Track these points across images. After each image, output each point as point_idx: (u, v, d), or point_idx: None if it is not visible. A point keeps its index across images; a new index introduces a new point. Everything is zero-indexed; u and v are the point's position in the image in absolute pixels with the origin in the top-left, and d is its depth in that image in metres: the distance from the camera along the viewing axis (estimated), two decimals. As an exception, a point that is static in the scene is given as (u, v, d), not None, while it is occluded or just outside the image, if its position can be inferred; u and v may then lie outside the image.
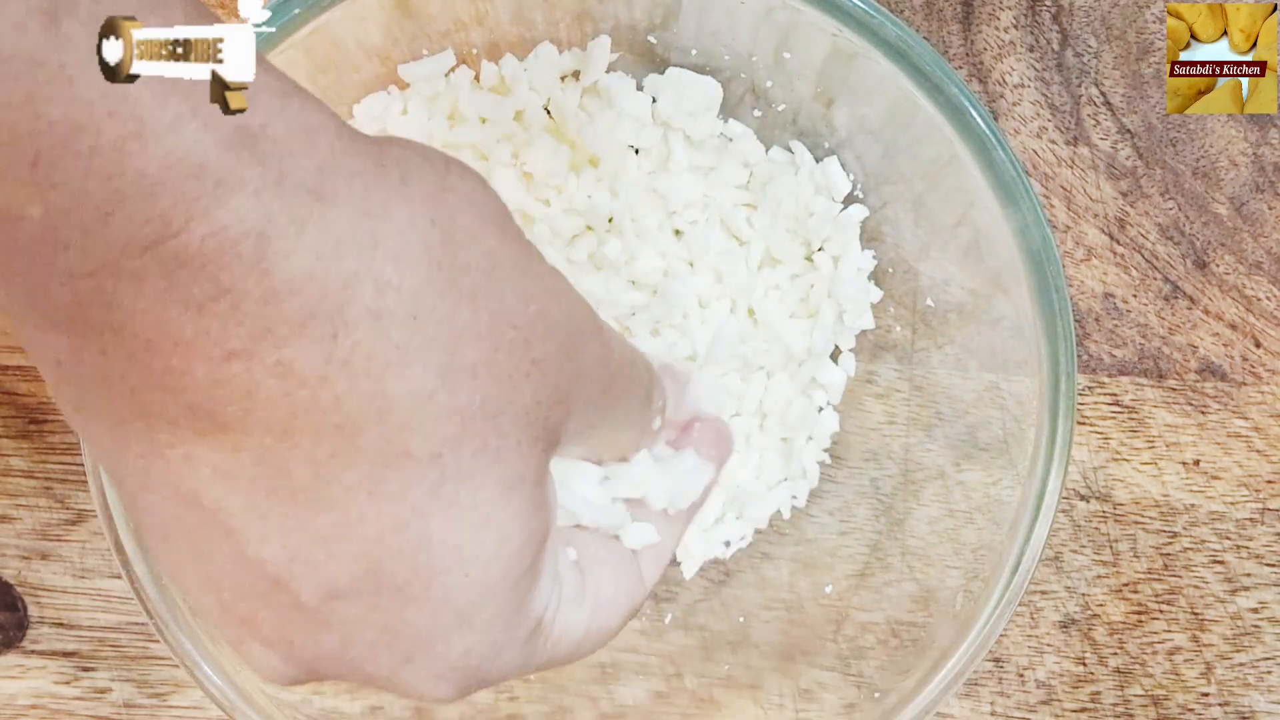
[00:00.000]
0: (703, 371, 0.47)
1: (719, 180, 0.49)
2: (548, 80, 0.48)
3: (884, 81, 0.45)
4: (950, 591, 0.47)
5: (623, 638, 0.50)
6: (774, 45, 0.47)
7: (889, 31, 0.43)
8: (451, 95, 0.48)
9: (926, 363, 0.50)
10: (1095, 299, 0.53)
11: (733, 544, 0.51)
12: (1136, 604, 0.53)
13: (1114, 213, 0.53)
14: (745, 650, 0.50)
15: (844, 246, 0.50)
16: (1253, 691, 0.53)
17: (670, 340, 0.48)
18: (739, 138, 0.49)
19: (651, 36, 0.49)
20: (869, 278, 0.50)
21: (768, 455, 0.50)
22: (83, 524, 0.51)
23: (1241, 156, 0.53)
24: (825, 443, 0.51)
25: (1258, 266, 0.53)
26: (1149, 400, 0.53)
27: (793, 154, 0.49)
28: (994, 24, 0.52)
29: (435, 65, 0.47)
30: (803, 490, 0.50)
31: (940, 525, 0.49)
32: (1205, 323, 0.53)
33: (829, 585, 0.50)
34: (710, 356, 0.47)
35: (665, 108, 0.48)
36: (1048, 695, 0.53)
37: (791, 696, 0.49)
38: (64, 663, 0.51)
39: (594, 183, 0.48)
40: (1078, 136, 0.53)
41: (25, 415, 0.52)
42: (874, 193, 0.49)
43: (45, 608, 0.51)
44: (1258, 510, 0.53)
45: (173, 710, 0.52)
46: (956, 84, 0.43)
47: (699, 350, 0.47)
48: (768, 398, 0.49)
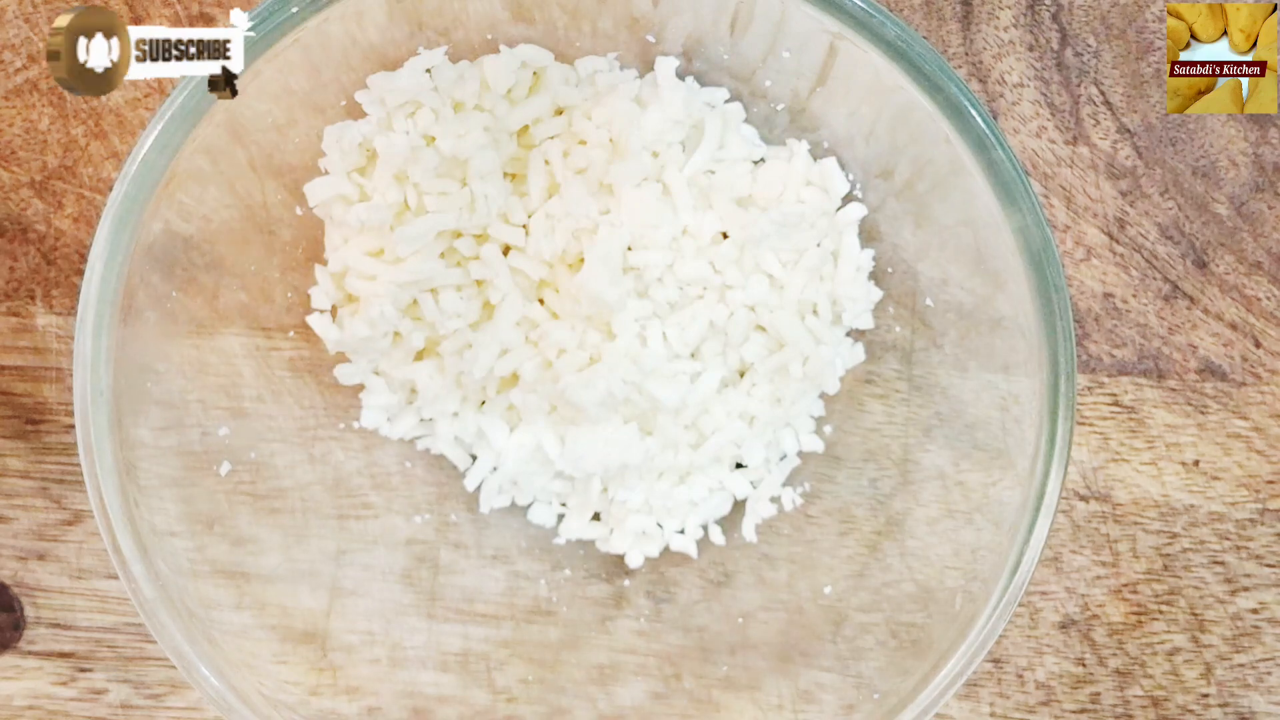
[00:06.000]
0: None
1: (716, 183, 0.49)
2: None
3: (883, 81, 0.45)
4: (949, 592, 0.47)
5: (622, 638, 0.50)
6: (774, 44, 0.47)
7: (888, 31, 0.43)
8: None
9: (926, 363, 0.50)
10: (1095, 299, 0.53)
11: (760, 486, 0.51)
12: (1136, 605, 0.53)
13: (1114, 212, 0.53)
14: (744, 651, 0.50)
15: (843, 245, 0.49)
16: (1253, 692, 0.53)
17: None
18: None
19: (650, 35, 0.48)
20: (869, 277, 0.50)
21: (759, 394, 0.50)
22: (79, 525, 0.51)
23: (1241, 156, 0.53)
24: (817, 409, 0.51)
25: (1258, 266, 0.53)
26: (1149, 400, 0.53)
27: (792, 152, 0.49)
28: (993, 23, 0.52)
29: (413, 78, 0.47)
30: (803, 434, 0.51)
31: (939, 526, 0.49)
32: (1205, 323, 0.53)
33: (828, 586, 0.50)
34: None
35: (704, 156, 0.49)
36: (1047, 696, 0.53)
37: (790, 698, 0.49)
38: (60, 663, 0.51)
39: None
40: (1077, 136, 0.52)
41: (22, 416, 0.51)
42: (873, 192, 0.49)
43: (42, 608, 0.51)
44: (1258, 511, 0.53)
45: (169, 711, 0.51)
46: (956, 83, 0.43)
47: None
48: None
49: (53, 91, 0.51)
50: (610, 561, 0.51)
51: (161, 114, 0.43)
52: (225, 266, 0.48)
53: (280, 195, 0.48)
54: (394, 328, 0.48)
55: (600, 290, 0.47)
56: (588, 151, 0.48)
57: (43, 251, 0.51)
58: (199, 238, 0.47)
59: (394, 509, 0.51)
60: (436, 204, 0.47)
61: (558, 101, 0.49)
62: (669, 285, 0.49)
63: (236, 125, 0.45)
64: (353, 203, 0.48)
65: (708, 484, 0.51)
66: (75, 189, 0.51)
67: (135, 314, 0.44)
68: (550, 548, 0.51)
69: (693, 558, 0.51)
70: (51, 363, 0.51)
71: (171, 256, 0.46)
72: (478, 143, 0.47)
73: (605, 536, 0.51)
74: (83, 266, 0.43)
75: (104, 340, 0.43)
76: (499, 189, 0.48)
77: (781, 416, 0.50)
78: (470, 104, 0.48)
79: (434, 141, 0.47)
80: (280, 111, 0.47)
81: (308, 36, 0.44)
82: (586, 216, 0.48)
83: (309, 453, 0.50)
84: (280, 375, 0.50)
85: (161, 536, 0.45)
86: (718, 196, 0.49)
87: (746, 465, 0.51)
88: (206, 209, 0.46)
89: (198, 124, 0.43)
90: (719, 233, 0.49)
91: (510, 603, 0.51)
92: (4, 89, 0.51)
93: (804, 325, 0.49)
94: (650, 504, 0.50)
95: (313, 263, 0.49)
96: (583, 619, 0.51)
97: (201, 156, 0.45)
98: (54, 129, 0.51)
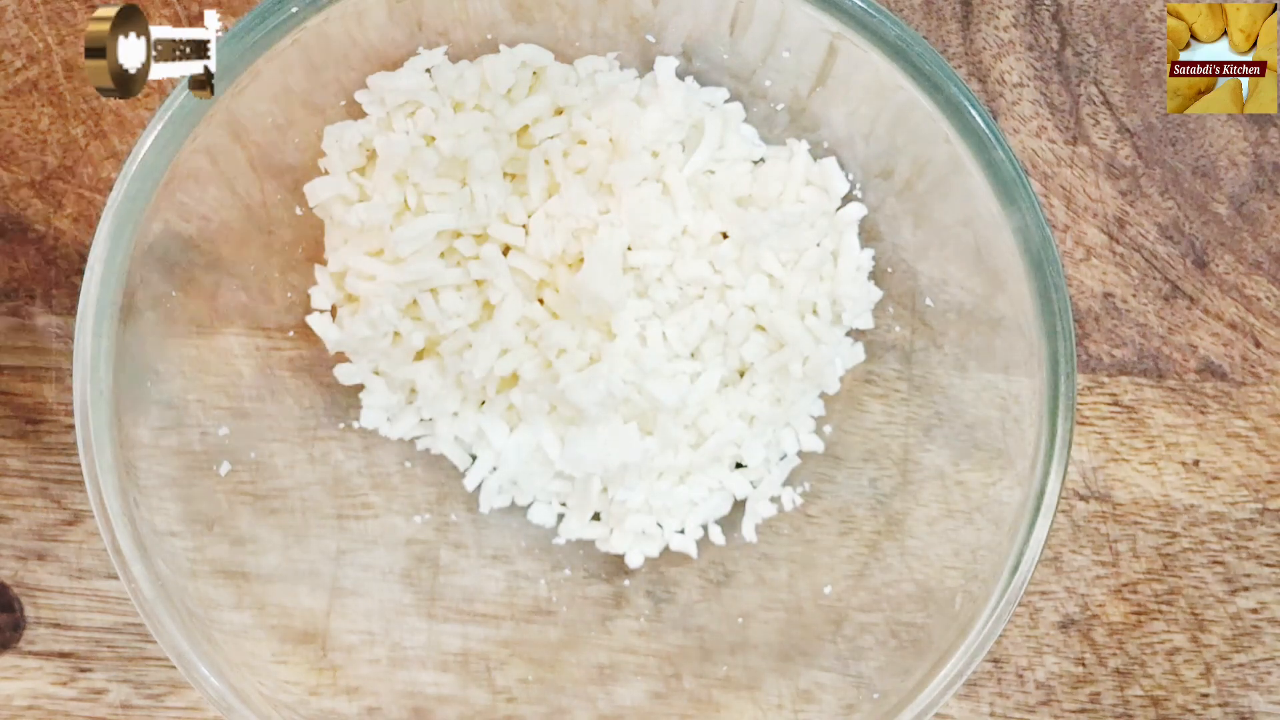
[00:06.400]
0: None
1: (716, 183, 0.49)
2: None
3: (883, 80, 0.45)
4: (949, 592, 0.47)
5: (622, 638, 0.50)
6: (774, 44, 0.47)
7: (888, 30, 0.43)
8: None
9: (926, 363, 0.50)
10: (1095, 299, 0.53)
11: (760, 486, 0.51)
12: (1136, 604, 0.53)
13: (1113, 212, 0.53)
14: (744, 651, 0.50)
15: (842, 245, 0.49)
16: (1252, 692, 0.53)
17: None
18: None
19: (650, 35, 0.48)
20: (869, 277, 0.50)
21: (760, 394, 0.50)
22: (79, 525, 0.51)
23: (1241, 156, 0.53)
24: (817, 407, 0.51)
25: (1258, 266, 0.53)
26: (1149, 400, 0.53)
27: (792, 152, 0.49)
28: (993, 23, 0.52)
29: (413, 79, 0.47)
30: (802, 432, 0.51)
31: (939, 525, 0.49)
32: (1205, 322, 0.53)
33: (828, 586, 0.50)
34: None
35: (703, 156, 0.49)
36: (1047, 696, 0.53)
37: (790, 697, 0.49)
38: (60, 663, 0.51)
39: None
40: (1077, 136, 0.52)
41: (22, 416, 0.51)
42: (873, 192, 0.49)
43: (42, 608, 0.51)
44: (1258, 510, 0.53)
45: (169, 711, 0.51)
46: (956, 83, 0.43)
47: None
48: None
49: (53, 91, 0.51)
50: (610, 561, 0.51)
51: (161, 114, 0.43)
52: (225, 266, 0.48)
53: (280, 195, 0.48)
54: (394, 328, 0.48)
55: (600, 290, 0.47)
56: (588, 151, 0.48)
57: (43, 251, 0.51)
58: (199, 238, 0.47)
59: (394, 509, 0.51)
60: (436, 204, 0.47)
61: (558, 101, 0.49)
62: (669, 285, 0.49)
63: (236, 125, 0.45)
64: (353, 203, 0.48)
65: (708, 484, 0.51)
66: (75, 189, 0.51)
67: (135, 314, 0.44)
68: (550, 548, 0.51)
69: (693, 558, 0.51)
70: (51, 363, 0.51)
71: (171, 256, 0.46)
72: (478, 143, 0.47)
73: (605, 536, 0.51)
74: (83, 266, 0.43)
75: (104, 340, 0.43)
76: (499, 189, 0.48)
77: (781, 416, 0.50)
78: (470, 104, 0.48)
79: (434, 141, 0.47)
80: (280, 111, 0.47)
81: (308, 36, 0.44)
82: (586, 216, 0.48)
83: (309, 453, 0.50)
84: (280, 375, 0.50)
85: (161, 536, 0.45)
86: (718, 196, 0.49)
87: (746, 465, 0.51)
88: (206, 209, 0.46)
89: (198, 124, 0.43)
90: (719, 233, 0.49)
91: (510, 603, 0.51)
92: (4, 89, 0.51)
93: (804, 325, 0.49)
94: (650, 504, 0.50)
95: (313, 263, 0.49)
96: (583, 619, 0.51)
97: (201, 156, 0.45)
98: (54, 129, 0.51)
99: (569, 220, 0.48)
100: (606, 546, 0.51)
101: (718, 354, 0.50)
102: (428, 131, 0.47)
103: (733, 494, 0.51)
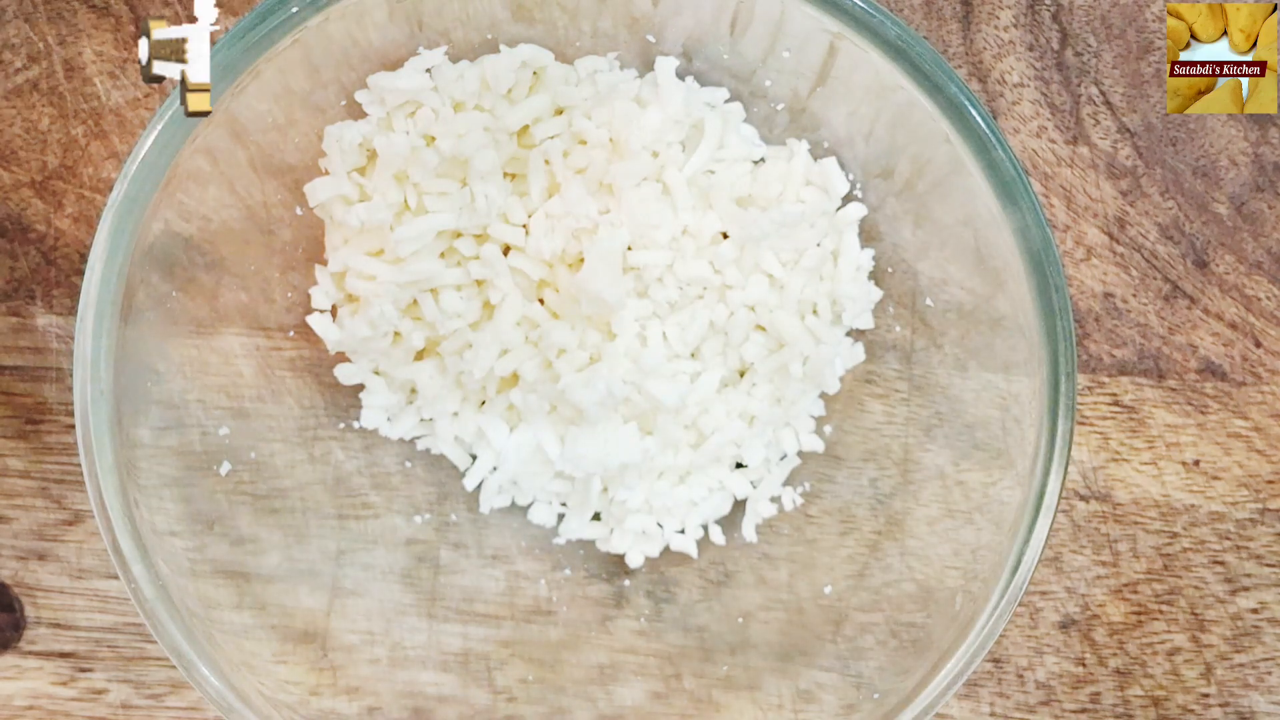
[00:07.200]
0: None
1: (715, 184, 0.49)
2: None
3: (883, 80, 0.45)
4: (950, 592, 0.47)
5: (622, 638, 0.50)
6: (774, 44, 0.47)
7: (888, 31, 0.43)
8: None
9: (926, 363, 0.50)
10: (1095, 299, 0.53)
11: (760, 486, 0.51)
12: (1136, 604, 0.53)
13: (1114, 212, 0.53)
14: (744, 651, 0.50)
15: (842, 245, 0.49)
16: (1253, 692, 0.53)
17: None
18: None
19: (650, 35, 0.49)
20: (869, 277, 0.50)
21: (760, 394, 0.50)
22: (79, 524, 0.51)
23: (1241, 156, 0.53)
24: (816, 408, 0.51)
25: (1258, 266, 0.53)
26: (1149, 400, 0.53)
27: (792, 152, 0.49)
28: (993, 23, 0.52)
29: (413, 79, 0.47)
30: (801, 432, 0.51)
31: (940, 525, 0.49)
32: (1205, 322, 0.53)
33: (828, 586, 0.50)
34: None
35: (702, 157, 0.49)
36: (1047, 696, 0.53)
37: (790, 698, 0.49)
38: (61, 663, 0.51)
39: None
40: (1077, 136, 0.53)
41: (22, 415, 0.51)
42: (873, 192, 0.49)
43: (42, 608, 0.51)
44: (1258, 510, 0.53)
45: (169, 711, 0.51)
46: (956, 83, 0.43)
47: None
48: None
49: (53, 91, 0.51)
50: (610, 561, 0.51)
51: (161, 114, 0.43)
52: (225, 266, 0.48)
53: (280, 195, 0.48)
54: (394, 328, 0.48)
55: (600, 290, 0.47)
56: (588, 151, 0.48)
57: (43, 251, 0.51)
58: (199, 238, 0.47)
59: (394, 509, 0.51)
60: (436, 204, 0.47)
61: (558, 101, 0.49)
62: (669, 285, 0.49)
63: (236, 125, 0.45)
64: (353, 203, 0.48)
65: (708, 484, 0.51)
66: (75, 189, 0.51)
67: (135, 314, 0.44)
68: (550, 548, 0.51)
69: (693, 558, 0.51)
70: (51, 363, 0.51)
71: (171, 256, 0.46)
72: (478, 143, 0.47)
73: (605, 536, 0.51)
74: (83, 266, 0.43)
75: (104, 340, 0.43)
76: (499, 189, 0.48)
77: (781, 416, 0.50)
78: (470, 104, 0.48)
79: (434, 141, 0.47)
80: (280, 111, 0.47)
81: (308, 36, 0.44)
82: (586, 216, 0.48)
83: (309, 452, 0.50)
84: (280, 375, 0.50)
85: (161, 536, 0.45)
86: (718, 196, 0.49)
87: (746, 465, 0.51)
88: (206, 209, 0.46)
89: (198, 124, 0.43)
90: (719, 232, 0.49)
91: (510, 603, 0.51)
92: (4, 89, 0.51)
93: (804, 325, 0.49)
94: (650, 504, 0.50)
95: (313, 263, 0.49)
96: (583, 619, 0.51)
97: (201, 156, 0.45)
98: (54, 129, 0.51)
99: (569, 220, 0.48)
100: (606, 546, 0.51)
101: (718, 354, 0.50)
102: (428, 131, 0.47)
103: (733, 494, 0.51)
